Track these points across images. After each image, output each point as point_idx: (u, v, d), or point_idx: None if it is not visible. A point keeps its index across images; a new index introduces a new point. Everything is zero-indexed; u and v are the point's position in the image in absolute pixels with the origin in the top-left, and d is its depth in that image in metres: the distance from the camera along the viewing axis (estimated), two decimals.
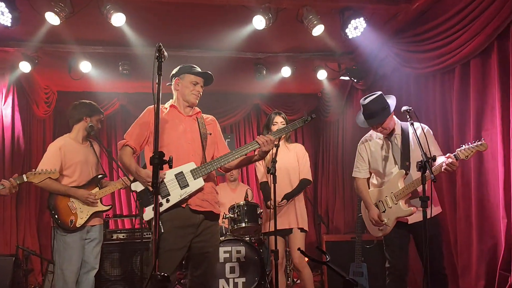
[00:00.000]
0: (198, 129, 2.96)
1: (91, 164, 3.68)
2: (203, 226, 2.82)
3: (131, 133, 2.90)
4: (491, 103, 3.43)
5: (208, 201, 2.85)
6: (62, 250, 3.44)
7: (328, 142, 7.21)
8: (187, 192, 2.72)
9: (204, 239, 2.82)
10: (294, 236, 3.82)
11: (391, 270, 3.26)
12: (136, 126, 2.92)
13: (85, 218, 3.48)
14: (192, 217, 2.77)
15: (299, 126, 2.90)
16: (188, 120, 2.97)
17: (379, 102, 3.15)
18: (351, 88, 6.16)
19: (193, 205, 2.76)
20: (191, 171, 2.76)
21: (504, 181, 3.22)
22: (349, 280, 1.57)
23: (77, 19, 4.10)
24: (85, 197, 3.47)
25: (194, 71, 2.98)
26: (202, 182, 2.75)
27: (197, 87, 2.97)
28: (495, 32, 3.26)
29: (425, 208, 2.63)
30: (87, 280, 3.54)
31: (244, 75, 6.06)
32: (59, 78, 5.98)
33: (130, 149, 2.86)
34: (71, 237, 3.45)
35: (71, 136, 3.70)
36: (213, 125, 3.12)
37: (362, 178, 3.43)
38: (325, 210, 7.12)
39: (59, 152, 3.52)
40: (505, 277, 3.18)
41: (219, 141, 3.11)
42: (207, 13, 4.28)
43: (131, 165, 2.81)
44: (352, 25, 4.11)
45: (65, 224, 3.42)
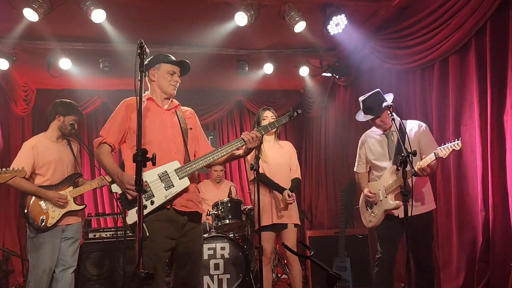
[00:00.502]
0: (179, 124, 2.81)
1: (66, 163, 3.64)
2: (188, 227, 2.73)
3: (108, 130, 2.71)
4: (469, 99, 3.50)
5: (193, 201, 2.74)
6: (35, 249, 3.44)
7: (311, 138, 7.26)
8: (172, 193, 2.58)
9: (189, 239, 2.73)
10: (288, 231, 3.84)
11: (379, 260, 3.41)
12: (113, 122, 2.73)
13: (56, 218, 3.44)
14: (177, 218, 2.66)
15: (285, 122, 2.89)
16: (167, 115, 2.81)
17: (376, 98, 3.29)
18: (333, 85, 6.21)
19: (178, 205, 2.65)
20: (176, 170, 2.62)
21: (482, 175, 3.29)
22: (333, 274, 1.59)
23: (56, 15, 4.02)
24: (55, 199, 3.43)
25: (170, 60, 2.83)
26: (187, 182, 2.63)
27: (175, 76, 2.81)
28: (473, 29, 3.32)
29: (405, 202, 2.70)
30: (64, 278, 3.52)
31: (226, 72, 6.05)
32: (38, 76, 5.87)
33: (108, 147, 2.68)
34: (43, 237, 3.43)
35: (47, 134, 3.67)
36: (193, 118, 2.98)
37: (361, 172, 3.63)
38: (309, 206, 7.17)
39: (32, 151, 3.50)
40: (484, 269, 3.26)
41: (200, 136, 2.98)
42: (189, 9, 4.25)
43: (112, 167, 2.62)
44: (334, 21, 4.13)
45: (35, 224, 3.40)
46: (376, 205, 3.37)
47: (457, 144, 2.86)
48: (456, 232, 3.62)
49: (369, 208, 3.46)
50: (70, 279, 3.56)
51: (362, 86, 5.31)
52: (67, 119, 3.62)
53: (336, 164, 6.15)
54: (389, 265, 3.39)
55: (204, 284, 4.43)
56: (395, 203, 3.20)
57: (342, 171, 5.94)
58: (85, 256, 4.44)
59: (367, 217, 3.49)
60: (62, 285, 3.51)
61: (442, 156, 2.90)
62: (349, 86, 5.73)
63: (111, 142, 2.68)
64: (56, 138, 3.67)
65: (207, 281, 4.45)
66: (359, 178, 3.63)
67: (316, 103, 6.84)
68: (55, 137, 3.66)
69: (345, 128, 5.85)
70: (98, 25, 4.14)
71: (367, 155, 3.53)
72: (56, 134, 3.66)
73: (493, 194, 3.16)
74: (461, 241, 3.59)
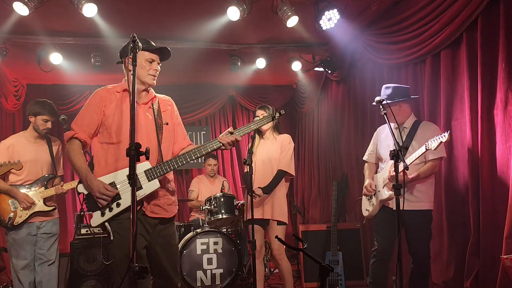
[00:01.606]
0: (154, 120, 2.62)
1: (41, 163, 3.71)
2: (160, 227, 2.63)
3: (80, 123, 2.54)
4: (460, 93, 3.53)
5: (160, 205, 2.60)
6: (11, 246, 3.60)
7: (303, 133, 7.29)
8: (140, 195, 2.44)
9: (163, 240, 2.64)
10: (270, 227, 3.84)
11: (375, 252, 3.51)
12: (86, 114, 2.55)
13: (24, 217, 3.55)
14: (147, 219, 2.55)
15: (266, 122, 2.74)
16: (143, 110, 2.62)
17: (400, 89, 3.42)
18: (326, 79, 6.23)
19: (146, 210, 2.54)
20: (145, 171, 2.47)
21: (472, 169, 3.33)
22: (325, 266, 1.60)
23: (47, 9, 3.97)
24: (21, 200, 3.52)
25: (148, 47, 2.56)
26: (157, 184, 2.47)
27: (154, 65, 2.58)
28: (464, 24, 3.34)
29: (397, 196, 2.74)
30: (42, 271, 3.66)
31: (219, 67, 6.04)
32: (28, 71, 5.82)
33: (78, 143, 2.53)
34: (18, 234, 3.56)
35: (26, 134, 3.75)
36: (169, 111, 2.77)
37: (369, 162, 3.73)
38: (301, 200, 7.20)
39: (7, 150, 3.60)
40: (474, 262, 3.31)
41: (178, 131, 2.80)
42: (181, 3, 4.23)
43: (81, 168, 2.46)
44: (326, 16, 4.13)
45: (3, 221, 3.53)
46: (374, 195, 3.50)
47: (444, 136, 2.92)
48: (447, 225, 3.67)
49: (369, 199, 3.58)
50: (49, 272, 3.70)
51: (355, 81, 5.34)
52: (37, 119, 3.67)
53: (329, 158, 6.18)
54: (384, 257, 3.47)
55: (197, 278, 4.45)
56: (389, 193, 3.31)
57: (335, 165, 5.97)
58: (78, 252, 4.43)
59: (365, 206, 3.61)
60: (41, 278, 3.66)
61: (431, 148, 2.98)
62: (341, 81, 5.75)
63: (83, 137, 2.54)
64: (34, 137, 3.74)
65: (200, 276, 4.46)
66: (366, 167, 3.74)
67: (308, 98, 6.85)
68: (32, 137, 3.73)
69: (337, 123, 5.88)
70: (90, 19, 4.10)
71: (377, 146, 3.63)
72: (34, 134, 3.72)
73: (483, 188, 3.20)
74: (451, 234, 3.63)
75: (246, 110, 7.65)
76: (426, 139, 3.10)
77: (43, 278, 3.66)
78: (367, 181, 3.57)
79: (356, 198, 4.22)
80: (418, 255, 3.34)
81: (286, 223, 3.88)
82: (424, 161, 3.31)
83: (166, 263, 2.66)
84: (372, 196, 3.53)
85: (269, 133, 3.98)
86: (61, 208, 5.42)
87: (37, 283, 3.66)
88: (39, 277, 3.65)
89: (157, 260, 2.64)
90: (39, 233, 3.66)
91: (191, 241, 4.50)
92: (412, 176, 3.23)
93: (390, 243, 3.43)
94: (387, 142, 3.50)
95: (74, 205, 6.69)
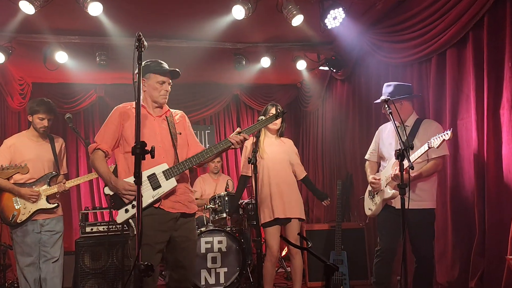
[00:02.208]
0: (168, 129, 2.89)
1: (44, 162, 3.74)
2: (181, 222, 2.82)
3: (102, 137, 2.82)
4: (466, 92, 3.51)
5: (181, 202, 2.82)
6: (16, 243, 3.64)
7: (308, 132, 7.28)
8: (159, 193, 2.68)
9: (183, 234, 2.82)
10: (290, 225, 3.86)
11: (379, 252, 3.50)
12: (107, 128, 2.83)
13: (27, 215, 3.58)
14: (168, 214, 2.75)
15: (270, 122, 2.97)
16: (157, 121, 2.89)
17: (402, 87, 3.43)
18: (331, 78, 6.21)
19: (166, 207, 2.74)
20: (164, 172, 2.71)
21: (478, 169, 3.31)
22: (330, 265, 1.60)
23: (52, 8, 3.98)
24: (28, 195, 3.55)
25: (159, 70, 2.83)
26: (174, 183, 2.71)
27: (165, 86, 2.85)
28: (470, 22, 3.32)
29: (402, 195, 2.73)
30: (47, 268, 3.69)
31: (223, 66, 6.03)
32: (34, 69, 5.84)
33: (102, 153, 2.79)
34: (22, 232, 3.61)
35: (28, 132, 3.79)
36: (182, 122, 3.04)
37: (370, 161, 3.72)
38: (305, 199, 7.18)
39: (9, 150, 3.65)
40: (479, 262, 3.29)
41: (190, 139, 3.05)
42: (186, 2, 4.23)
43: (105, 173, 2.74)
44: (331, 15, 4.12)
45: (7, 219, 3.58)
46: (377, 194, 3.47)
47: (446, 133, 2.90)
48: (452, 225, 3.65)
49: (371, 197, 3.55)
50: (53, 270, 3.72)
51: (360, 80, 5.33)
52: (34, 117, 3.69)
53: (333, 158, 6.17)
54: (387, 257, 3.46)
55: (202, 277, 4.46)
56: (392, 192, 3.30)
57: (339, 164, 5.96)
58: (83, 250, 4.45)
59: (368, 205, 3.59)
60: (45, 275, 3.69)
61: (434, 146, 2.96)
62: (346, 80, 5.73)
63: (105, 148, 2.79)
64: (36, 136, 3.77)
65: (204, 275, 4.47)
66: (367, 165, 3.73)
67: (313, 97, 6.84)
68: (34, 136, 3.76)
69: (342, 122, 5.86)
70: (95, 18, 4.11)
71: (379, 145, 3.62)
72: (35, 133, 3.76)
73: (489, 188, 3.18)
74: (456, 234, 3.62)
75: (250, 109, 7.64)
76: (428, 137, 3.09)
77: (48, 275, 3.69)
78: (371, 176, 3.55)
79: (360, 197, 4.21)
80: (421, 254, 3.32)
81: (304, 219, 3.95)
82: (426, 159, 3.30)
83: (182, 257, 2.82)
84: (374, 194, 3.51)
85: (276, 136, 4.01)
86: (66, 206, 5.46)
87: (42, 280, 3.70)
88: (44, 274, 3.69)
89: (174, 252, 2.82)
90: (43, 231, 3.69)
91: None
92: (414, 174, 3.21)
93: (393, 242, 3.42)
94: (389, 141, 3.50)
95: (79, 203, 6.71)
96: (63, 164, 3.95)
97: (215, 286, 4.47)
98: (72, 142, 6.72)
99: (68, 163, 4.07)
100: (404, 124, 3.39)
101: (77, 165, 6.73)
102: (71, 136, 6.60)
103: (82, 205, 6.59)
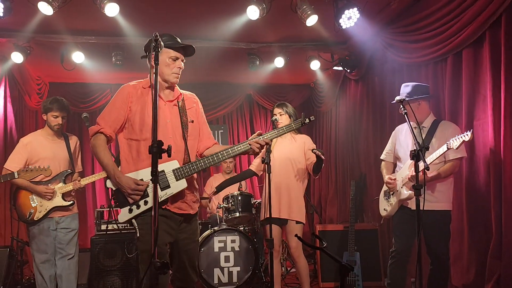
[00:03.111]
0: (179, 118, 2.64)
1: (59, 160, 3.79)
2: (185, 224, 2.71)
3: (107, 118, 2.55)
4: (483, 93, 3.46)
5: (187, 202, 2.66)
6: (32, 240, 3.71)
7: (321, 132, 7.26)
8: (168, 194, 2.48)
9: (186, 236, 2.71)
10: (288, 226, 3.82)
11: (393, 254, 3.48)
12: (112, 109, 2.56)
13: (43, 212, 3.64)
14: (174, 216, 2.62)
15: (295, 128, 2.80)
16: (169, 107, 2.63)
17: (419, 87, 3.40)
18: (344, 78, 6.19)
19: (172, 207, 2.58)
20: (174, 171, 2.50)
21: (495, 170, 3.27)
22: (345, 265, 1.60)
23: (70, 8, 4.06)
24: (43, 193, 3.60)
25: (172, 44, 2.56)
26: (184, 184, 2.52)
27: (178, 62, 2.58)
28: (487, 22, 3.28)
29: (417, 196, 2.71)
30: (62, 265, 3.76)
31: (237, 66, 6.06)
32: (51, 69, 5.94)
33: (104, 138, 2.55)
34: (39, 229, 3.67)
35: (43, 131, 3.86)
36: (194, 108, 2.79)
37: (386, 161, 3.71)
38: (318, 200, 7.18)
39: (25, 148, 3.71)
40: (496, 265, 3.25)
41: (202, 128, 2.83)
42: (201, 2, 4.26)
43: (108, 165, 2.48)
44: (346, 15, 4.11)
45: (24, 217, 3.64)
46: (393, 195, 3.46)
47: (466, 135, 2.87)
48: (468, 227, 3.60)
49: (387, 198, 3.52)
50: (69, 266, 3.79)
51: (374, 80, 5.30)
52: (48, 115, 3.76)
53: (346, 158, 6.14)
54: (402, 259, 3.43)
55: (215, 276, 4.48)
56: (408, 193, 3.27)
57: (352, 165, 5.94)
58: (98, 247, 4.50)
59: (383, 206, 3.57)
60: (61, 272, 3.76)
61: (453, 147, 2.93)
62: (360, 80, 5.71)
63: (108, 133, 2.56)
64: (51, 135, 3.83)
65: (218, 273, 4.50)
66: (383, 166, 3.72)
67: (326, 97, 6.82)
68: (49, 134, 3.83)
69: (356, 122, 5.84)
70: (111, 18, 4.17)
71: (395, 145, 3.61)
72: (50, 131, 3.83)
73: (506, 190, 3.14)
74: (472, 236, 3.57)
75: (263, 109, 7.65)
76: (446, 139, 3.06)
77: (63, 272, 3.76)
78: (386, 176, 3.53)
79: (374, 198, 4.19)
80: (436, 255, 3.30)
81: (304, 223, 3.86)
82: (443, 160, 3.27)
83: (185, 258, 2.72)
84: (390, 195, 3.49)
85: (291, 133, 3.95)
86: (81, 204, 5.53)
87: (57, 277, 3.76)
88: (59, 270, 3.76)
89: (177, 254, 2.72)
90: (59, 228, 3.75)
91: (208, 239, 4.54)
92: (433, 174, 3.19)
93: (409, 244, 3.40)
94: (407, 142, 3.47)
95: (94, 201, 6.80)
96: (78, 162, 4.01)
97: (228, 285, 4.49)
98: (88, 141, 6.77)
99: (84, 161, 4.11)
100: (421, 125, 3.38)
101: (92, 163, 6.82)
102: (87, 135, 6.66)
103: (97, 203, 6.68)
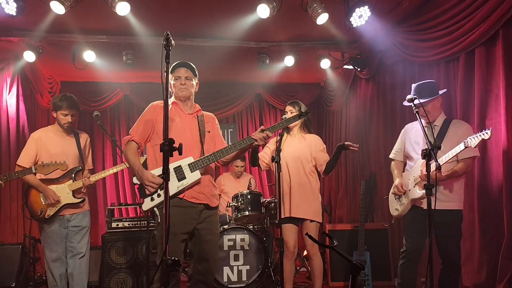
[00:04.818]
0: (198, 127, 3.08)
1: (68, 157, 3.76)
2: (205, 214, 2.98)
3: (136, 130, 3.03)
4: (495, 92, 3.43)
5: (204, 194, 2.97)
6: (43, 238, 3.73)
7: (331, 131, 7.23)
8: (184, 184, 2.85)
9: (206, 226, 2.97)
10: (305, 226, 3.81)
11: (404, 253, 3.44)
12: (141, 123, 3.04)
13: (54, 210, 3.65)
14: (192, 205, 2.92)
15: (293, 121, 3.15)
16: (189, 118, 3.08)
17: (430, 85, 3.36)
18: (355, 77, 6.16)
19: (189, 197, 2.90)
20: (189, 164, 2.89)
21: (507, 169, 3.24)
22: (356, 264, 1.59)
23: (81, 8, 4.09)
24: (48, 196, 3.61)
25: (172, 69, 3.05)
26: (198, 175, 2.88)
27: (180, 80, 3.05)
28: (500, 20, 3.24)
29: (429, 196, 2.69)
30: (73, 263, 3.77)
31: (247, 64, 6.06)
32: (62, 68, 5.99)
33: (135, 144, 3.00)
34: (50, 227, 3.69)
35: (53, 127, 3.86)
36: (212, 122, 3.24)
37: (396, 160, 3.67)
38: (328, 199, 7.15)
39: (35, 143, 3.72)
40: (508, 265, 3.22)
41: (217, 138, 3.23)
42: (211, 1, 4.27)
43: (135, 163, 2.93)
44: (357, 13, 4.08)
45: (35, 215, 3.64)
46: (404, 194, 3.43)
47: (486, 133, 2.81)
48: (479, 227, 3.58)
49: (398, 198, 3.49)
50: (80, 265, 3.79)
51: (384, 79, 5.27)
52: (58, 113, 3.75)
53: (356, 157, 6.12)
54: (413, 258, 3.40)
55: (224, 274, 4.49)
56: (421, 192, 3.23)
57: (363, 164, 5.91)
58: (109, 245, 4.54)
59: (394, 205, 3.54)
60: (72, 270, 3.77)
61: (471, 145, 2.88)
62: (371, 79, 5.68)
63: (138, 140, 3.01)
64: (61, 131, 3.83)
65: (227, 272, 4.50)
66: (393, 165, 3.68)
67: (336, 96, 6.79)
68: (59, 131, 3.83)
69: (366, 121, 5.81)
70: (122, 18, 4.20)
71: (405, 144, 3.57)
72: (60, 128, 3.82)
73: None
74: (483, 236, 3.54)
75: (273, 108, 7.64)
76: (458, 138, 3.03)
77: (74, 271, 3.77)
78: (397, 180, 3.49)
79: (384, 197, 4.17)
80: (447, 255, 3.26)
81: (319, 221, 3.84)
82: (456, 160, 3.22)
83: (206, 249, 2.95)
84: (401, 195, 3.47)
85: (297, 131, 3.94)
86: (92, 201, 5.57)
87: (68, 275, 3.77)
88: (70, 269, 3.77)
89: (198, 245, 2.96)
90: (70, 226, 3.75)
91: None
92: (448, 173, 3.14)
93: (420, 244, 3.36)
94: (417, 140, 3.44)
95: (105, 199, 6.85)
96: (88, 160, 4.01)
97: (237, 283, 4.50)
98: (99, 139, 6.88)
99: (95, 159, 4.14)
100: (433, 124, 3.34)
101: (103, 161, 6.87)
102: (97, 133, 6.76)
103: (108, 201, 6.72)
